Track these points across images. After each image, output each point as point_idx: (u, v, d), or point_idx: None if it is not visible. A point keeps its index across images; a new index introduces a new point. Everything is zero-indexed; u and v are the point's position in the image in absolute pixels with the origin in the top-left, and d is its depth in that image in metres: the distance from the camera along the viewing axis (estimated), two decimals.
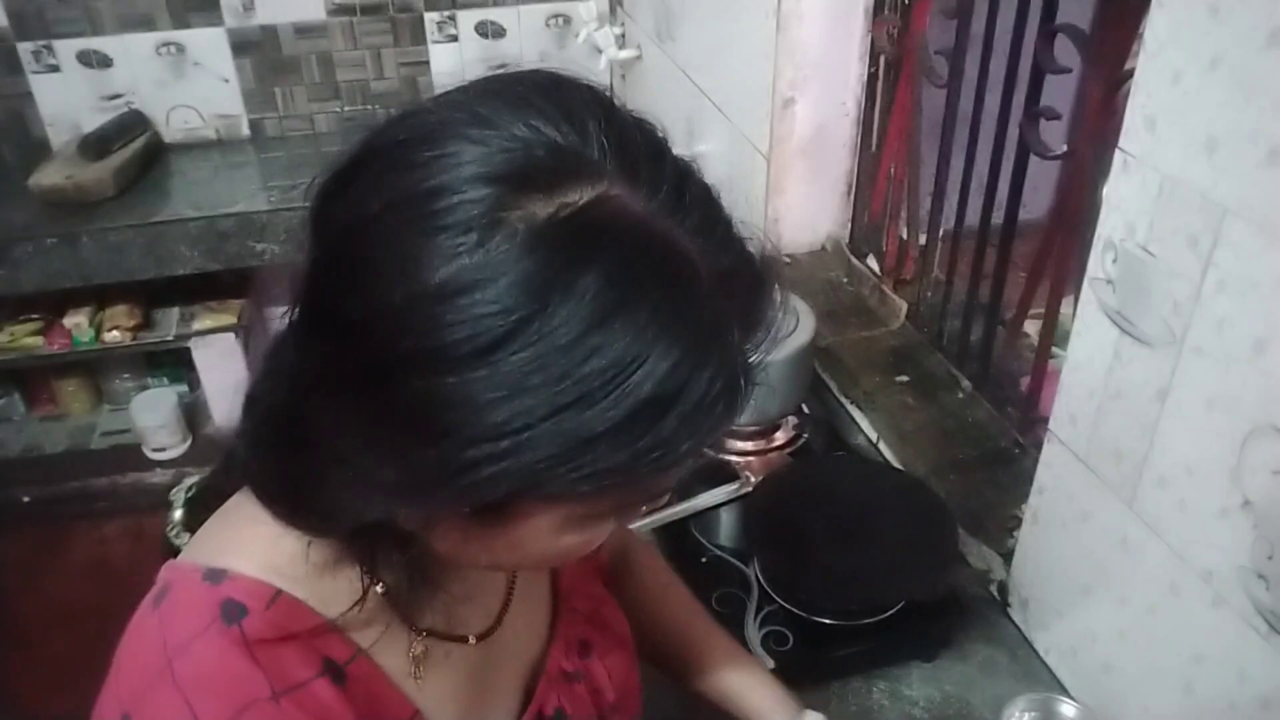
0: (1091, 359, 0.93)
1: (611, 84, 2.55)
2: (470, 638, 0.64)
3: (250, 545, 0.55)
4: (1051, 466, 1.02)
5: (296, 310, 0.49)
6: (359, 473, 0.47)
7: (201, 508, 0.60)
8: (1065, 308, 1.17)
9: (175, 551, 0.60)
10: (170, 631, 0.52)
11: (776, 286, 0.51)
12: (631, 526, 1.15)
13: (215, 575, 0.53)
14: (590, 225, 0.43)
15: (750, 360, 0.49)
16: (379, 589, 0.56)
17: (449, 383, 0.42)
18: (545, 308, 0.41)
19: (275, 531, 0.53)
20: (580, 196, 0.44)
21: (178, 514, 0.64)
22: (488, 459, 0.43)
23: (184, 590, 0.54)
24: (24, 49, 2.56)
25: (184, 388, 2.85)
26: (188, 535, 0.61)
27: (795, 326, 1.28)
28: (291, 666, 0.52)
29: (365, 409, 0.45)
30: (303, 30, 2.66)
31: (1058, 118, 1.16)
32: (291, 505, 0.52)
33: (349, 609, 0.55)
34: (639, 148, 0.47)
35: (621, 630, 0.77)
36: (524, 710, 0.69)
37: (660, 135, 0.49)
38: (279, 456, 0.51)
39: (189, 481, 0.64)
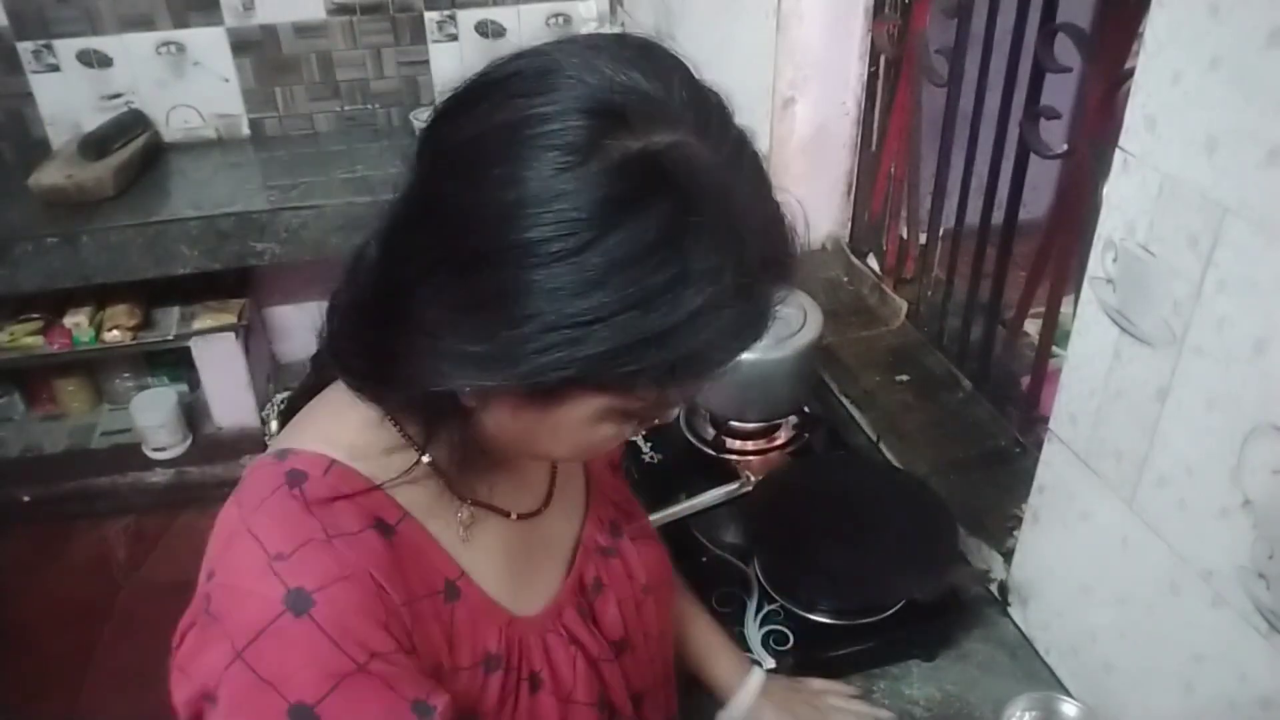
0: (1091, 358, 0.93)
1: None
2: (513, 514, 0.73)
3: (312, 429, 0.65)
4: (1051, 466, 1.02)
5: (402, 208, 0.58)
6: (447, 345, 0.55)
7: (289, 417, 0.70)
8: (1065, 307, 1.17)
9: None
10: (245, 501, 0.61)
11: (798, 238, 0.60)
12: None
13: (282, 454, 0.62)
14: (669, 163, 0.52)
15: (774, 299, 0.58)
16: (427, 460, 0.65)
17: (538, 274, 0.51)
18: (625, 222, 0.50)
19: (338, 418, 0.64)
20: (663, 139, 0.52)
21: (274, 426, 0.73)
22: (560, 344, 0.51)
23: (257, 472, 0.62)
24: (24, 49, 2.56)
25: (184, 387, 2.85)
26: None
27: (803, 324, 1.29)
28: (344, 519, 0.60)
29: (464, 289, 0.54)
30: (303, 30, 2.66)
31: (1058, 117, 1.16)
32: (376, 375, 0.61)
33: (399, 475, 0.64)
34: (711, 108, 0.56)
35: (648, 527, 0.88)
36: (567, 579, 0.77)
37: (727, 103, 0.58)
38: (370, 332, 0.60)
39: (279, 396, 0.75)
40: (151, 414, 2.64)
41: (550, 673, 0.72)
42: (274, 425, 0.73)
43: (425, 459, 0.65)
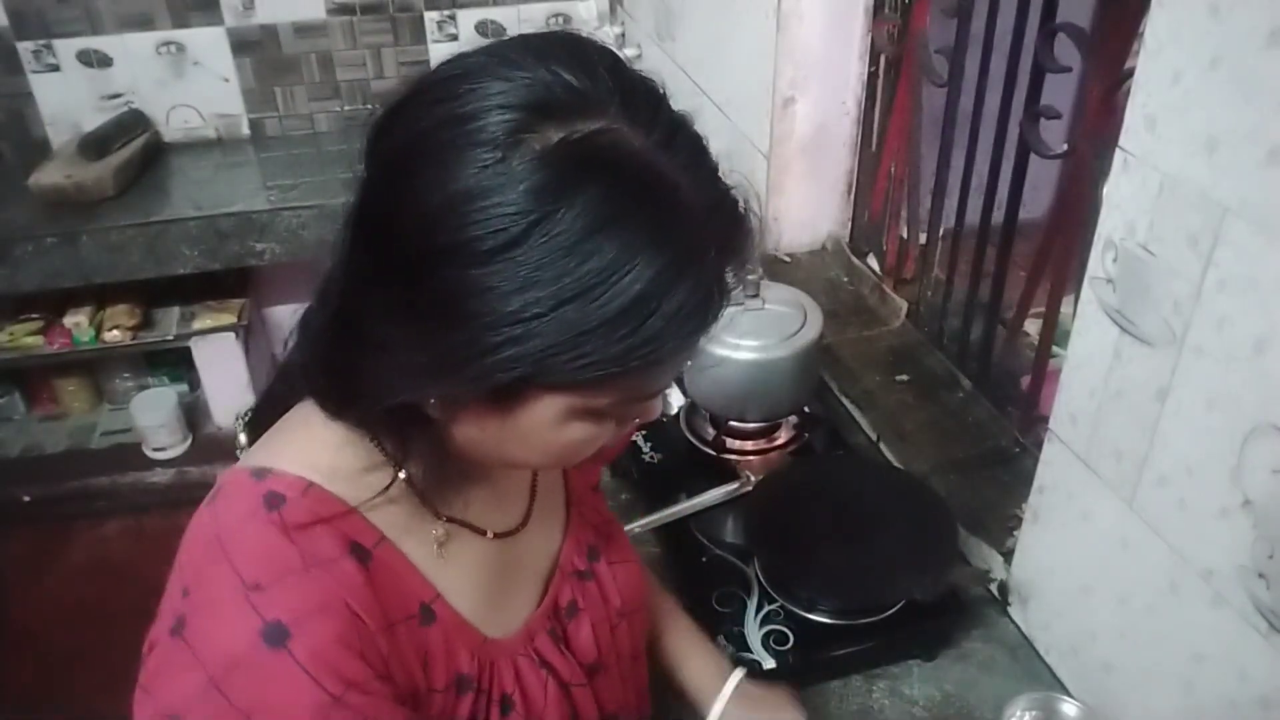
0: (1092, 358, 0.93)
1: None
2: (489, 533, 0.72)
3: (291, 449, 0.64)
4: (1052, 466, 1.02)
5: (349, 227, 0.58)
6: (397, 356, 0.55)
7: (256, 429, 0.70)
8: (1065, 307, 1.17)
9: None
10: (221, 520, 0.60)
11: (754, 224, 0.59)
12: (629, 528, 1.16)
13: (260, 473, 0.62)
14: (594, 149, 0.52)
15: (727, 282, 0.57)
16: (402, 475, 0.64)
17: (473, 274, 0.51)
18: (553, 213, 0.50)
19: (314, 438, 0.63)
20: (587, 126, 0.52)
21: (243, 438, 0.73)
22: (503, 343, 0.51)
23: (234, 487, 0.62)
24: (24, 49, 2.56)
25: (184, 387, 2.85)
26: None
27: (802, 324, 1.29)
28: (321, 545, 0.60)
29: (404, 298, 0.54)
30: (303, 30, 2.66)
31: (1058, 117, 1.16)
32: (339, 392, 0.61)
33: (375, 495, 0.63)
34: (640, 94, 0.56)
35: (626, 548, 0.87)
36: (540, 603, 0.76)
37: (660, 88, 0.58)
38: (330, 350, 0.60)
39: (245, 408, 0.75)
40: (151, 414, 2.64)
41: (521, 696, 0.72)
42: (243, 438, 0.71)
43: (401, 475, 0.65)
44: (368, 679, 0.58)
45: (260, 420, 0.70)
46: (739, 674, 0.92)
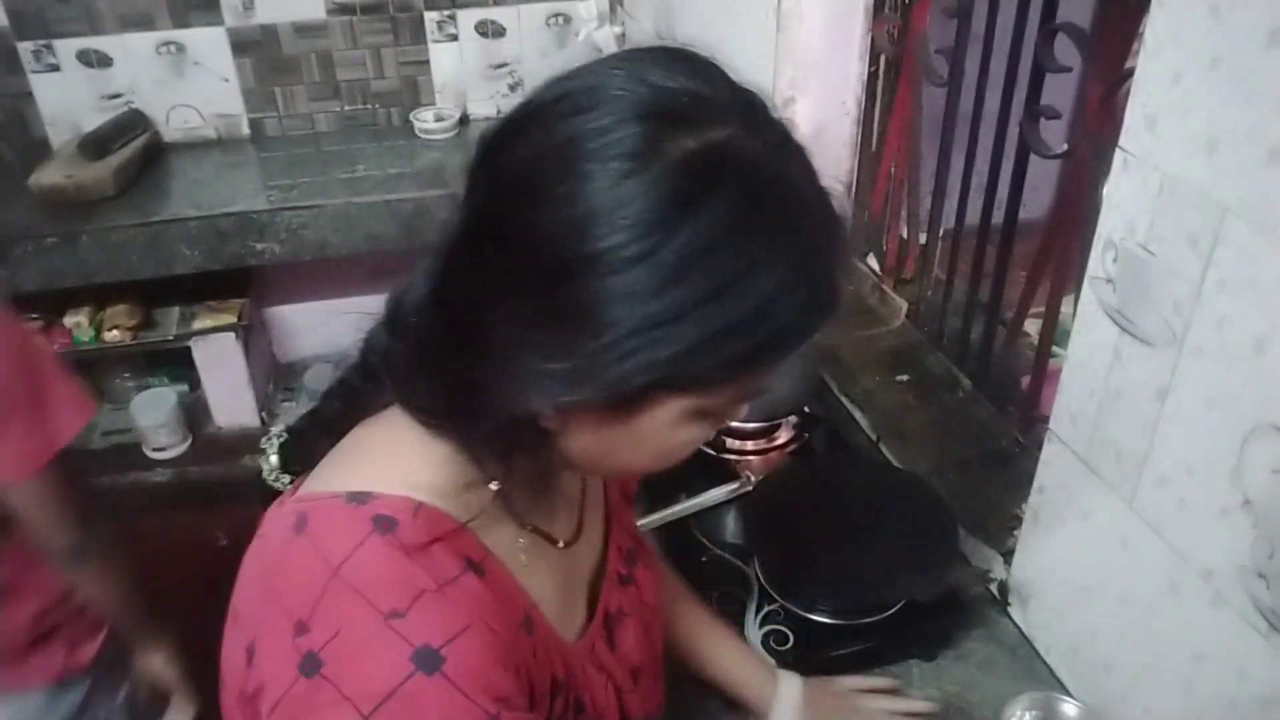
0: (1092, 358, 0.93)
1: None
2: (560, 541, 0.73)
3: (386, 471, 0.63)
4: (1052, 466, 1.02)
5: (459, 242, 0.59)
6: (528, 367, 0.55)
7: (297, 451, 0.69)
8: (1065, 307, 1.17)
9: (274, 494, 0.68)
10: (328, 548, 0.58)
11: (848, 220, 0.61)
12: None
13: (359, 497, 0.60)
14: (726, 155, 0.54)
15: (840, 277, 0.58)
16: (494, 487, 0.64)
17: (613, 281, 0.52)
18: (691, 218, 0.51)
19: (407, 457, 0.63)
20: (718, 134, 0.54)
21: (274, 459, 0.71)
22: (643, 347, 0.52)
23: (329, 514, 0.60)
24: (24, 48, 2.56)
25: (184, 387, 2.85)
26: (287, 477, 0.69)
27: None
28: (443, 564, 0.59)
29: (540, 308, 0.54)
30: (303, 30, 2.66)
31: (1058, 117, 1.16)
32: (455, 410, 0.60)
33: (481, 511, 0.63)
34: (755, 103, 0.58)
35: (652, 551, 0.89)
36: (591, 609, 0.77)
37: (767, 98, 0.60)
38: (441, 366, 0.60)
39: (277, 429, 0.72)
40: (151, 414, 2.64)
41: (591, 700, 0.73)
42: (274, 459, 0.70)
43: (493, 486, 0.65)
44: (514, 692, 0.59)
45: (308, 444, 0.68)
46: (796, 683, 0.94)
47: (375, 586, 0.56)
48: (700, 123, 0.54)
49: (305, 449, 0.68)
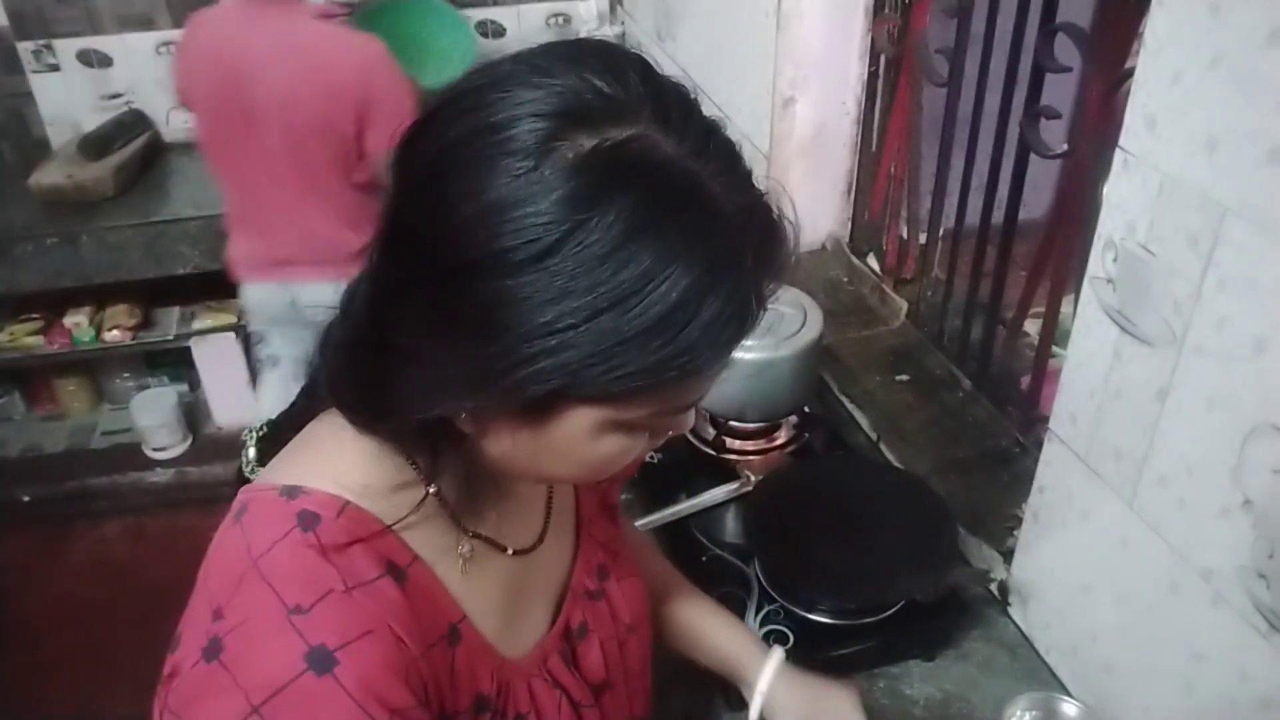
0: (1092, 358, 0.93)
1: None
2: (509, 549, 0.71)
3: (321, 467, 0.62)
4: (1052, 466, 1.02)
5: (379, 239, 0.58)
6: (430, 370, 0.54)
7: (272, 444, 0.68)
8: (1065, 307, 1.17)
9: None
10: (253, 539, 0.58)
11: (789, 229, 0.58)
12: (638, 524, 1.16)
13: (291, 491, 0.60)
14: (627, 156, 0.51)
15: (764, 289, 0.56)
16: (433, 491, 0.63)
17: (507, 285, 0.50)
18: (586, 221, 0.49)
19: (343, 454, 0.62)
20: (620, 134, 0.51)
21: (252, 453, 0.71)
22: (538, 354, 0.50)
23: (263, 506, 0.60)
24: (24, 49, 2.56)
25: (184, 387, 2.85)
26: (261, 470, 0.69)
27: (803, 324, 1.29)
28: (360, 567, 0.58)
29: (437, 311, 0.53)
30: None
31: (1058, 117, 1.16)
32: (370, 408, 0.60)
33: (409, 514, 0.62)
34: (672, 100, 0.55)
35: (632, 563, 0.86)
36: (553, 624, 0.76)
37: (691, 95, 0.57)
38: (361, 365, 0.59)
39: (259, 422, 0.72)
40: (151, 414, 2.64)
41: (536, 716, 0.71)
42: (251, 452, 0.70)
43: (431, 490, 0.63)
44: (410, 706, 0.57)
45: (279, 436, 0.68)
46: (779, 652, 0.91)
47: (285, 581, 0.56)
48: (603, 121, 0.51)
49: (279, 443, 0.67)
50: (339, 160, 1.88)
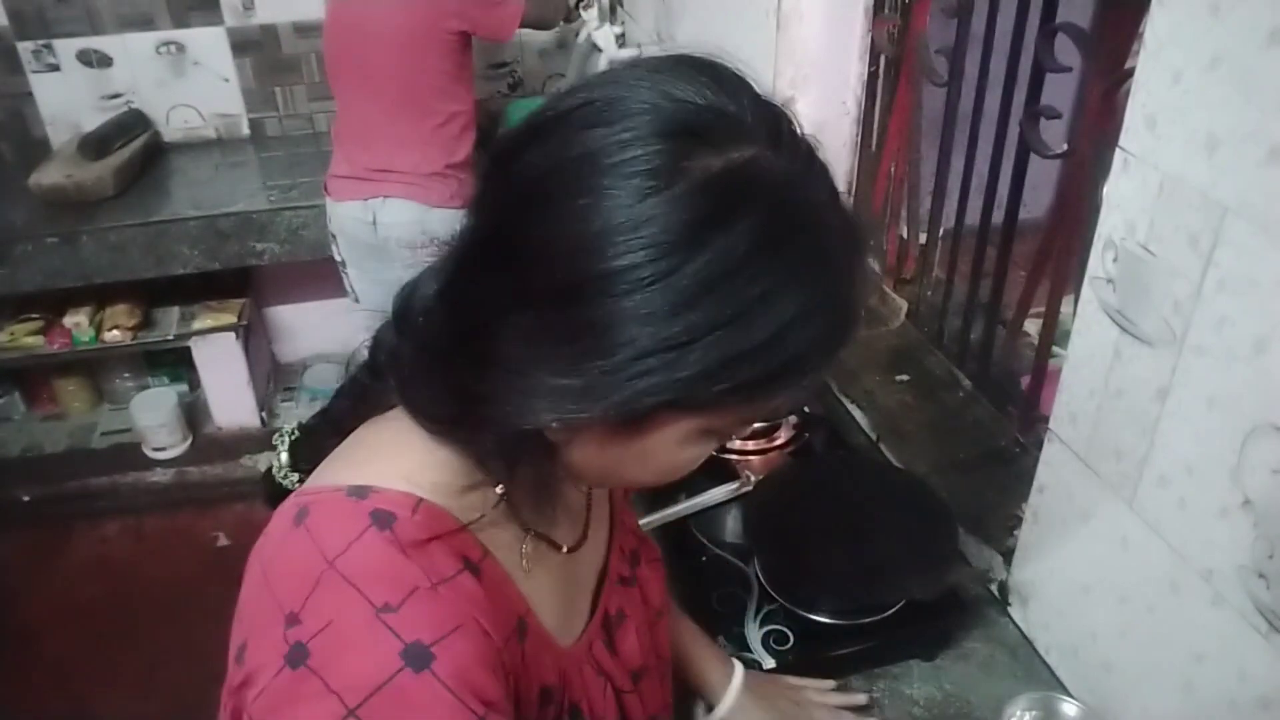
0: (1092, 358, 0.93)
1: None
2: (564, 547, 0.72)
3: (387, 467, 0.62)
4: (1052, 465, 1.02)
5: (472, 250, 0.58)
6: (537, 382, 0.54)
7: (306, 449, 0.68)
8: (1065, 307, 1.17)
9: (283, 491, 0.68)
10: (324, 541, 0.57)
11: (870, 241, 0.59)
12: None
13: (359, 491, 0.59)
14: (750, 177, 0.52)
15: (861, 300, 0.58)
16: (499, 491, 0.64)
17: (629, 302, 0.51)
18: (711, 241, 0.50)
19: (411, 455, 0.62)
20: (742, 154, 0.52)
21: (284, 456, 0.70)
22: (656, 369, 0.51)
23: (329, 507, 0.59)
24: (24, 48, 2.57)
25: (184, 387, 2.85)
26: (295, 476, 0.69)
27: None
28: (440, 563, 0.58)
29: (553, 324, 0.53)
30: (303, 29, 2.66)
31: (1058, 117, 1.16)
32: (462, 419, 0.60)
33: (481, 515, 0.62)
34: (781, 121, 0.57)
35: (656, 548, 0.88)
36: (593, 611, 0.77)
37: (792, 115, 0.59)
38: (449, 376, 0.59)
39: (289, 427, 0.72)
40: (151, 414, 2.64)
41: (588, 705, 0.72)
42: (284, 456, 0.70)
43: (499, 490, 0.64)
44: (501, 697, 0.58)
45: (314, 441, 0.68)
46: (739, 672, 0.94)
47: (369, 580, 0.55)
48: (725, 141, 0.52)
49: (315, 447, 0.67)
50: (439, 76, 2.07)
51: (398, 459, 0.62)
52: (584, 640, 0.74)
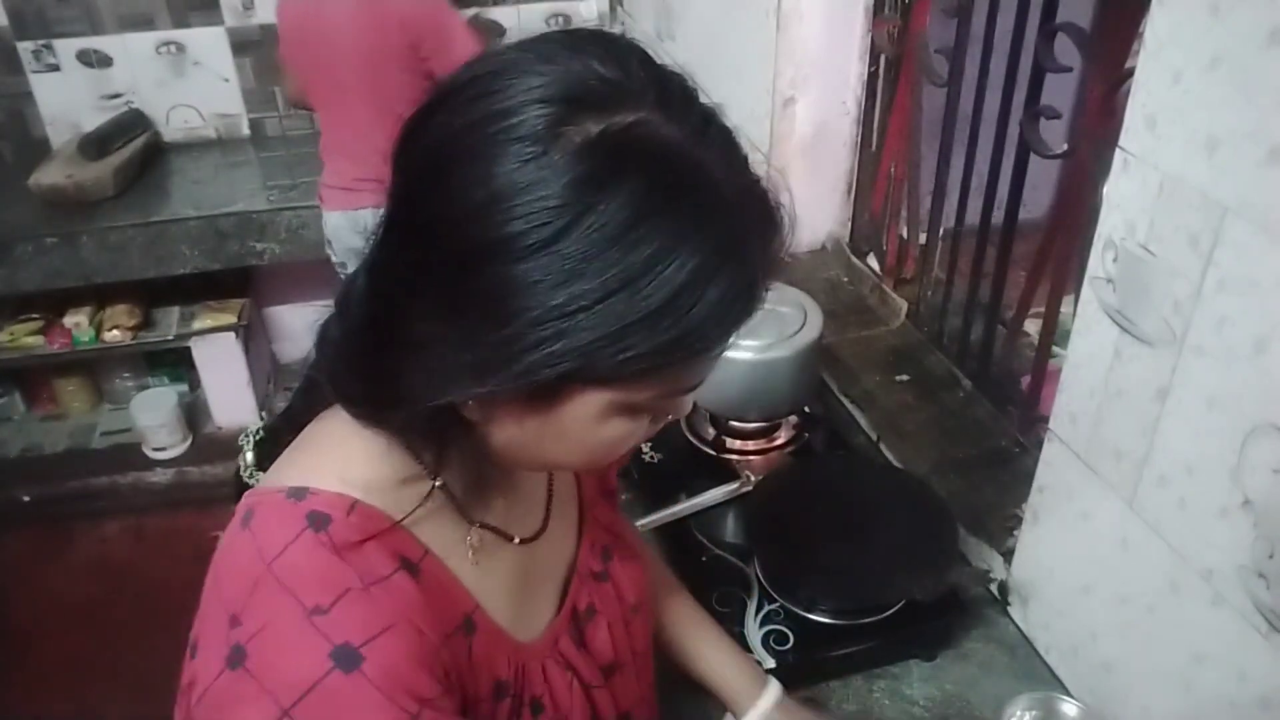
0: (1092, 358, 0.93)
1: None
2: (516, 538, 0.72)
3: (326, 466, 0.62)
4: (1052, 465, 1.02)
5: (381, 230, 0.59)
6: (440, 358, 0.54)
7: (270, 447, 0.68)
8: (1065, 307, 1.17)
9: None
10: (263, 543, 0.58)
11: (785, 212, 0.59)
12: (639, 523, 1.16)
13: (297, 493, 0.60)
14: (634, 140, 0.52)
15: (765, 272, 0.56)
16: (439, 483, 0.64)
17: (517, 270, 0.50)
18: (595, 205, 0.50)
19: (347, 451, 0.62)
20: (625, 118, 0.52)
21: (249, 456, 0.71)
22: (550, 337, 0.51)
23: (270, 509, 0.60)
24: (24, 48, 2.57)
25: (184, 387, 2.85)
26: (260, 474, 0.69)
27: (803, 324, 1.29)
28: (374, 563, 0.59)
29: (446, 298, 0.54)
30: None
31: (1058, 117, 1.16)
32: (377, 400, 0.60)
33: (417, 506, 0.62)
34: (673, 86, 0.56)
35: (635, 543, 0.87)
36: (560, 606, 0.76)
37: (690, 82, 0.58)
38: (366, 357, 0.59)
39: (254, 427, 0.72)
40: (151, 414, 2.65)
41: (550, 699, 0.72)
42: (249, 456, 0.70)
43: (438, 483, 0.64)
44: (437, 695, 0.58)
45: (277, 439, 0.68)
46: (775, 688, 0.91)
47: (302, 583, 0.56)
48: (607, 106, 0.52)
49: (279, 446, 0.67)
50: (408, 86, 2.12)
51: (334, 456, 0.63)
52: (548, 634, 0.74)
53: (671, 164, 0.52)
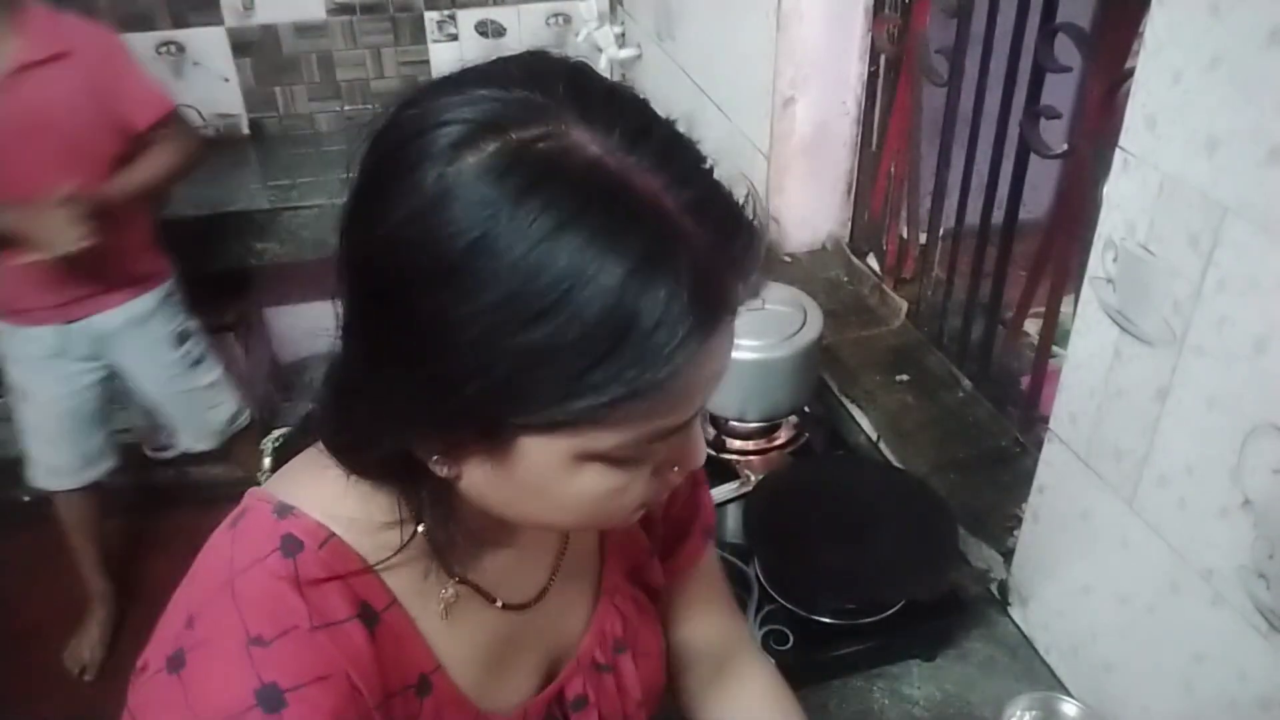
0: (1092, 358, 0.93)
1: None
2: (499, 602, 0.67)
3: (318, 491, 0.60)
4: (1052, 465, 1.02)
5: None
6: (376, 401, 0.52)
7: (288, 455, 0.66)
8: (1065, 307, 1.17)
9: None
10: (238, 551, 0.58)
11: (756, 220, 0.52)
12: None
13: (283, 510, 0.59)
14: (538, 156, 0.47)
15: (727, 288, 0.50)
16: (422, 530, 0.60)
17: (429, 303, 0.47)
18: (495, 227, 0.45)
19: (339, 483, 0.59)
20: (531, 132, 0.47)
21: (267, 462, 0.69)
22: (470, 375, 0.47)
23: (256, 517, 0.59)
24: None
25: None
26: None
27: (803, 324, 1.29)
28: (331, 605, 0.57)
29: (374, 338, 0.52)
30: (303, 30, 2.66)
31: (1058, 117, 1.16)
32: (339, 444, 0.58)
33: (390, 556, 0.59)
34: (598, 99, 0.50)
35: (657, 641, 0.80)
36: (543, 685, 0.72)
37: (631, 92, 0.53)
38: (327, 400, 0.58)
39: (277, 433, 0.71)
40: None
41: None
42: (267, 461, 0.68)
43: (420, 529, 0.60)
44: None
45: (290, 450, 0.66)
46: None
47: (253, 608, 0.55)
48: (513, 125, 0.47)
49: (293, 453, 0.66)
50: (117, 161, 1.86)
51: (326, 484, 0.60)
52: (517, 713, 0.69)
53: (579, 178, 0.46)
